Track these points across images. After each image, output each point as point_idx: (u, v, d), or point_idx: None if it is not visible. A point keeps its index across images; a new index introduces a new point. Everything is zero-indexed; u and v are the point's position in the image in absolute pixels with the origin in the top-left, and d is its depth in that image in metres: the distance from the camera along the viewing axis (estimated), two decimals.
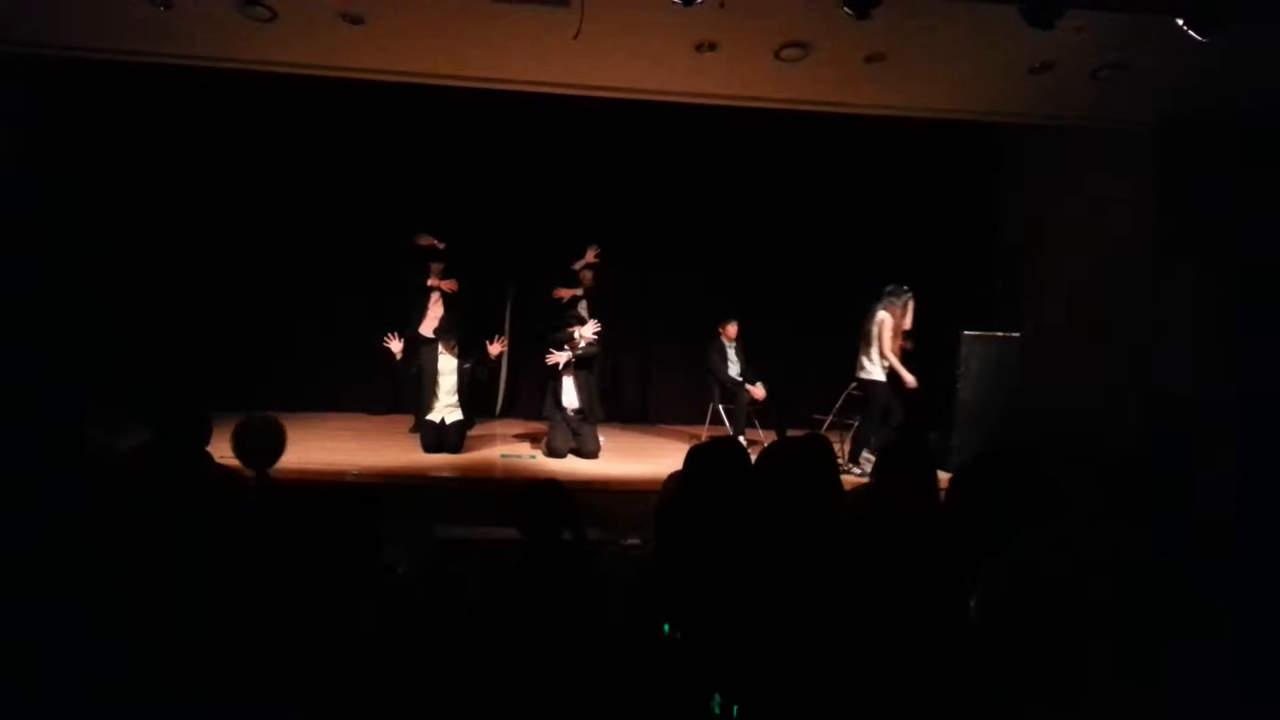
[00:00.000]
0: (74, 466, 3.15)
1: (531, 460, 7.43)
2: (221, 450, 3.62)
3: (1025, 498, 1.81)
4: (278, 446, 3.77)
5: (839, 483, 2.53)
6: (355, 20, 6.24)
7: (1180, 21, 5.64)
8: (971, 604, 1.05)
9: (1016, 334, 8.20)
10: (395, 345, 7.48)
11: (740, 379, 8.30)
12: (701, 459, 3.16)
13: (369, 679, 3.13)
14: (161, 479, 2.30)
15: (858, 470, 7.36)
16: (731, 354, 8.43)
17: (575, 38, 5.91)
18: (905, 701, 1.90)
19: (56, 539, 2.31)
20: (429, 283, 8.30)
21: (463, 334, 7.77)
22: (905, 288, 7.67)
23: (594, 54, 6.46)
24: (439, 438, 7.50)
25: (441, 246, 8.29)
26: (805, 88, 7.01)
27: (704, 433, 8.23)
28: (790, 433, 5.41)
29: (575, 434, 7.65)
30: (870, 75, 6.70)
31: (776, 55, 6.49)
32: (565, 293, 8.41)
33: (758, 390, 8.15)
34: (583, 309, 8.36)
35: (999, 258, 9.69)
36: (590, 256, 8.45)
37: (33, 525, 2.47)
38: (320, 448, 7.46)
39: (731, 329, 8.44)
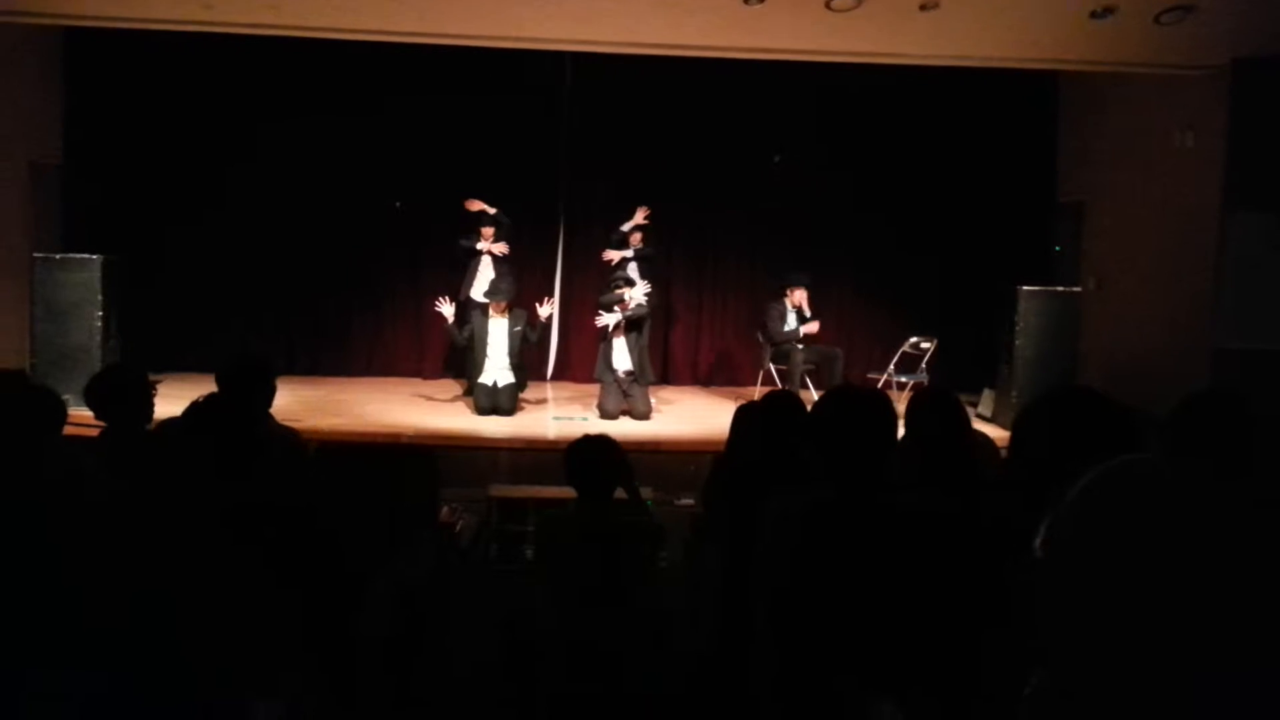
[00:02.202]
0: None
1: (583, 422, 7.45)
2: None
3: (1097, 431, 1.75)
4: None
5: (895, 436, 2.48)
6: None
7: None
8: (1037, 543, 1.01)
9: (1077, 289, 8.01)
10: (447, 309, 7.53)
11: (793, 333, 8.17)
12: (758, 411, 3.13)
13: (426, 637, 3.17)
14: (223, 435, 2.34)
15: None
16: (791, 318, 8.28)
17: None
18: (968, 652, 1.87)
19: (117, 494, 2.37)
20: (479, 246, 8.33)
21: (513, 297, 7.80)
22: None
23: (642, 10, 6.37)
24: (492, 400, 7.56)
25: (492, 211, 8.31)
26: (858, 38, 6.85)
27: (756, 393, 8.18)
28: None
29: (627, 395, 7.66)
30: (925, 24, 6.52)
31: (828, 5, 6.34)
32: (614, 255, 8.40)
33: (812, 326, 8.01)
34: (632, 270, 8.34)
35: (1060, 211, 9.46)
36: (639, 218, 8.42)
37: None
38: (376, 410, 7.56)
39: (799, 296, 8.24)
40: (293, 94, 8.97)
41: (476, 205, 8.31)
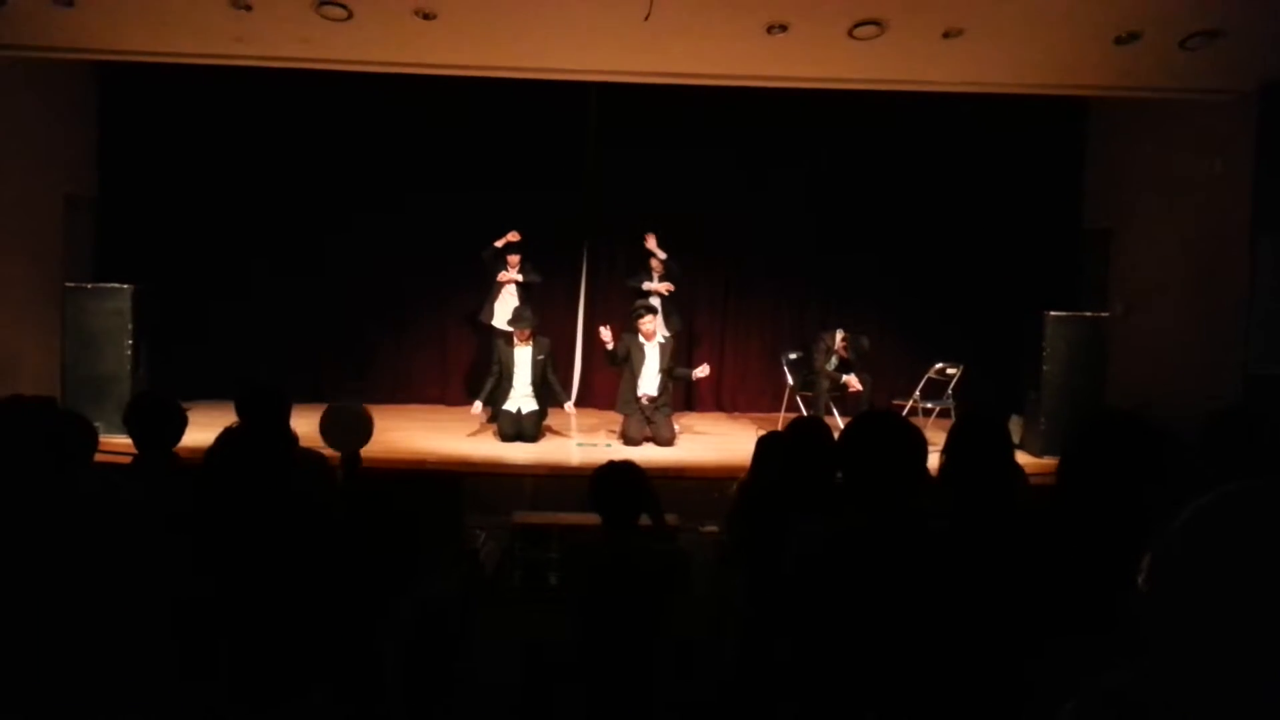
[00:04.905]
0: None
1: (607, 449, 7.45)
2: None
3: (1151, 457, 1.73)
4: (364, 431, 3.85)
5: (924, 463, 2.46)
6: (428, 16, 6.32)
7: None
8: (1140, 579, 0.97)
9: (1105, 314, 7.94)
10: (478, 411, 7.66)
11: (833, 370, 8.18)
12: (783, 439, 3.11)
13: (449, 661, 3.16)
14: (250, 458, 2.35)
15: None
16: (834, 359, 8.27)
17: (646, 19, 5.89)
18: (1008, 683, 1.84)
19: (153, 517, 2.38)
20: (504, 276, 8.40)
21: (536, 325, 7.84)
22: None
23: (664, 39, 6.43)
24: (516, 427, 7.58)
25: (516, 239, 8.37)
26: (881, 66, 6.86)
27: (780, 419, 8.15)
28: None
29: (650, 422, 7.65)
30: (949, 50, 6.52)
31: (850, 34, 6.36)
32: (655, 281, 8.46)
33: (854, 381, 8.00)
34: (654, 298, 8.38)
35: (1086, 237, 9.39)
36: (651, 244, 8.50)
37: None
38: (400, 437, 7.59)
39: (841, 348, 8.22)
40: (321, 127, 9.09)
41: (505, 239, 8.36)
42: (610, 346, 7.75)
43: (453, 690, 3.10)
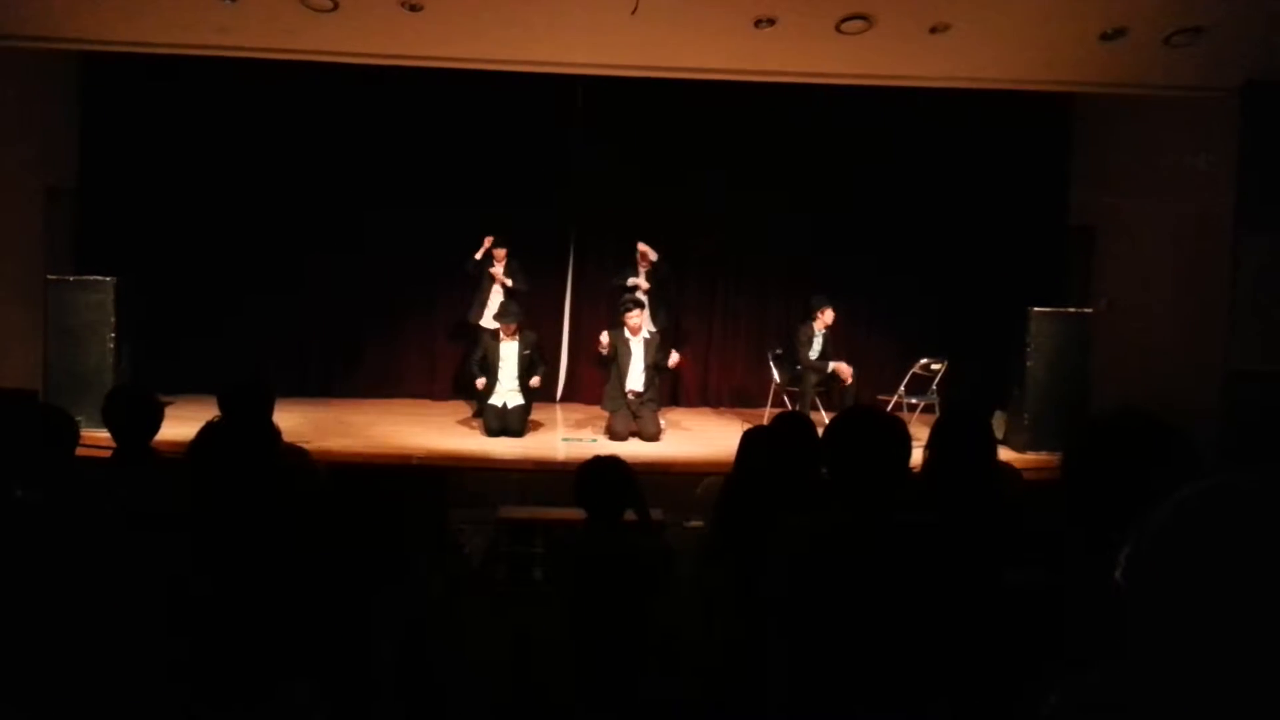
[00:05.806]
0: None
1: (592, 444, 7.44)
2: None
3: (1160, 456, 1.72)
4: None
5: (908, 458, 2.47)
6: (414, 7, 6.28)
7: None
8: (1118, 572, 0.96)
9: (1088, 310, 7.98)
10: (482, 384, 7.70)
11: (817, 359, 8.17)
12: (767, 435, 3.11)
13: (434, 658, 3.15)
14: (232, 452, 2.34)
15: None
16: (817, 343, 8.26)
17: (634, 12, 5.87)
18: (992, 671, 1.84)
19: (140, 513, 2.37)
20: (489, 271, 8.39)
21: (522, 319, 7.82)
22: None
23: (652, 33, 6.41)
24: (502, 422, 7.56)
25: (490, 243, 8.38)
26: (868, 61, 6.87)
27: (766, 414, 8.16)
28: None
29: (636, 417, 7.64)
30: (935, 46, 6.54)
31: (838, 28, 6.37)
32: (647, 250, 8.46)
33: (843, 368, 7.99)
34: (639, 293, 8.37)
35: (1071, 234, 9.43)
36: (642, 247, 8.50)
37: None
38: (386, 432, 7.56)
39: (829, 316, 8.21)
40: (307, 119, 9.03)
41: (489, 240, 8.38)
42: (604, 350, 7.76)
43: (440, 686, 3.09)
